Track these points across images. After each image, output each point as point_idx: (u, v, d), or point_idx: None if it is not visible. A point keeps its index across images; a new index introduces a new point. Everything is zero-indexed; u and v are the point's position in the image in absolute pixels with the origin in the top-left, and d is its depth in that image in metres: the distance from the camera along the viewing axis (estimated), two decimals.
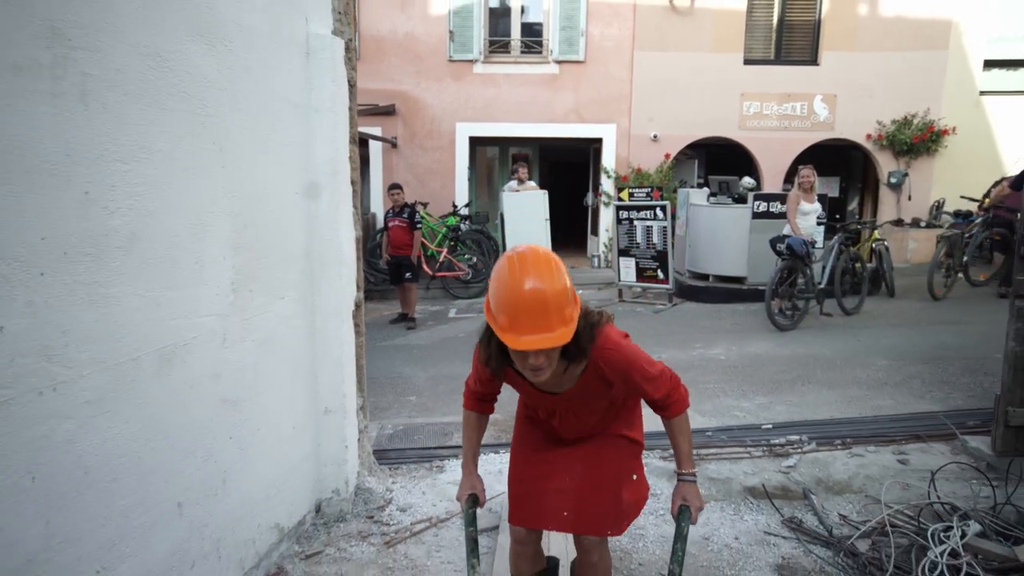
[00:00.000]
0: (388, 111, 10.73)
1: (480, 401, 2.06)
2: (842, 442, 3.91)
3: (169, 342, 2.07)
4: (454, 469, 3.65)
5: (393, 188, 7.83)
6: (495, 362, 1.78)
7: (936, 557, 2.67)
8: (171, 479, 2.11)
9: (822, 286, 7.42)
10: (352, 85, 3.02)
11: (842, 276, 7.66)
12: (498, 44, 11.24)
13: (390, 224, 7.69)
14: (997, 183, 8.95)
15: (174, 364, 2.09)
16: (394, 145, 11.05)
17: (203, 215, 2.18)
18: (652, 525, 3.16)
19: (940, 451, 3.71)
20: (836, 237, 7.71)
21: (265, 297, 2.54)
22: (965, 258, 8.07)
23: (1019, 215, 3.39)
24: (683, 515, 1.85)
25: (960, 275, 8.27)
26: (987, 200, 8.88)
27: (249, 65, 2.38)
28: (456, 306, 8.95)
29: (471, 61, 11.10)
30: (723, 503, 3.34)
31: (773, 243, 7.28)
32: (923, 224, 11.24)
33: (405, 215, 7.67)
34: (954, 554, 2.67)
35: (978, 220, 8.41)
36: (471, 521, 1.90)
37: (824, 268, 7.57)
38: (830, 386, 5.15)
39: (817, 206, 7.54)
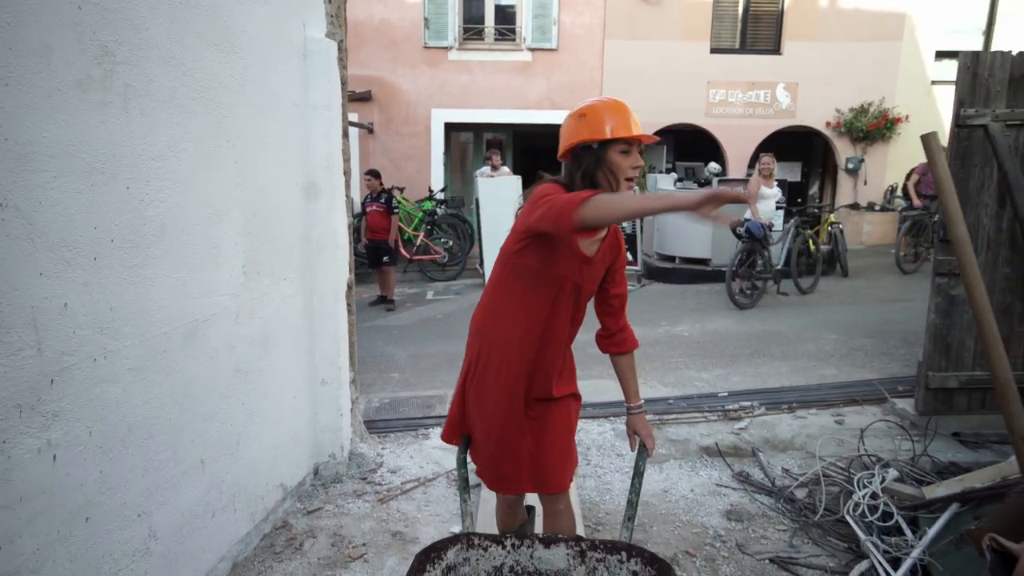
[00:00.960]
0: (364, 97, 10.89)
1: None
2: (788, 407, 4.34)
3: (193, 318, 2.35)
4: (438, 436, 3.98)
5: (369, 174, 8.06)
6: (587, 188, 1.85)
7: (859, 499, 3.09)
8: (196, 438, 2.41)
9: (779, 267, 7.89)
10: (344, 83, 3.29)
11: (798, 258, 8.14)
12: (472, 31, 11.44)
13: (368, 209, 7.93)
14: (909, 174, 9.64)
15: (197, 338, 2.38)
16: (370, 131, 11.24)
17: (219, 206, 2.46)
18: (618, 481, 3.54)
19: (872, 412, 4.15)
20: (792, 220, 8.19)
21: (271, 279, 2.83)
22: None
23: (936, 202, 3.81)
24: (640, 455, 2.19)
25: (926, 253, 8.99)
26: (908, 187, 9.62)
27: (255, 69, 2.65)
28: (433, 288, 9.24)
29: (446, 48, 11.30)
30: (681, 461, 3.73)
31: (733, 227, 7.70)
32: (877, 208, 11.82)
33: (382, 200, 7.92)
34: (874, 496, 3.09)
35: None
36: (463, 464, 2.22)
37: (781, 250, 8.04)
38: (783, 358, 5.59)
39: (777, 191, 7.99)
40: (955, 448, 3.69)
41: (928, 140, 1.49)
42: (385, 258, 7.84)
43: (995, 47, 10.70)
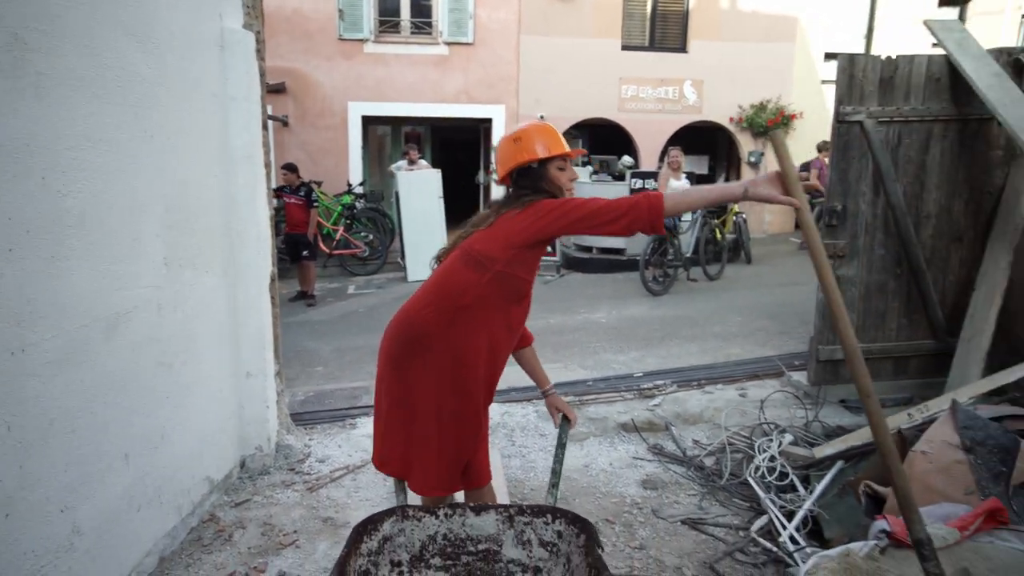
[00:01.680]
0: (278, 89, 10.62)
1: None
2: (697, 384, 4.65)
3: (114, 311, 2.33)
4: (366, 425, 4.03)
5: (286, 168, 7.91)
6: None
7: (759, 463, 3.39)
8: (119, 432, 2.39)
9: (688, 255, 8.35)
10: (262, 74, 3.29)
11: (705, 246, 8.63)
12: (388, 24, 11.36)
13: (286, 200, 7.79)
14: (807, 168, 10.48)
15: (118, 330, 2.36)
16: (285, 124, 10.97)
17: (139, 197, 2.44)
18: (541, 459, 3.71)
19: (771, 385, 4.52)
20: (699, 211, 8.66)
21: (193, 271, 2.82)
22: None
23: (823, 190, 4.19)
24: (563, 428, 2.35)
25: None
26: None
27: (173, 59, 2.63)
28: (355, 283, 9.17)
29: (361, 40, 11.17)
30: (600, 438, 3.95)
31: None
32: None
33: (301, 193, 7.80)
34: (772, 459, 3.40)
35: None
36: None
37: (690, 239, 8.50)
38: (692, 340, 5.95)
39: (685, 183, 8.43)
40: (842, 413, 4.08)
41: (775, 137, 1.71)
42: (304, 252, 7.73)
43: (875, 50, 11.65)
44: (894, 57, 3.89)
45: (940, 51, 3.88)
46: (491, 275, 1.96)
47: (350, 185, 10.60)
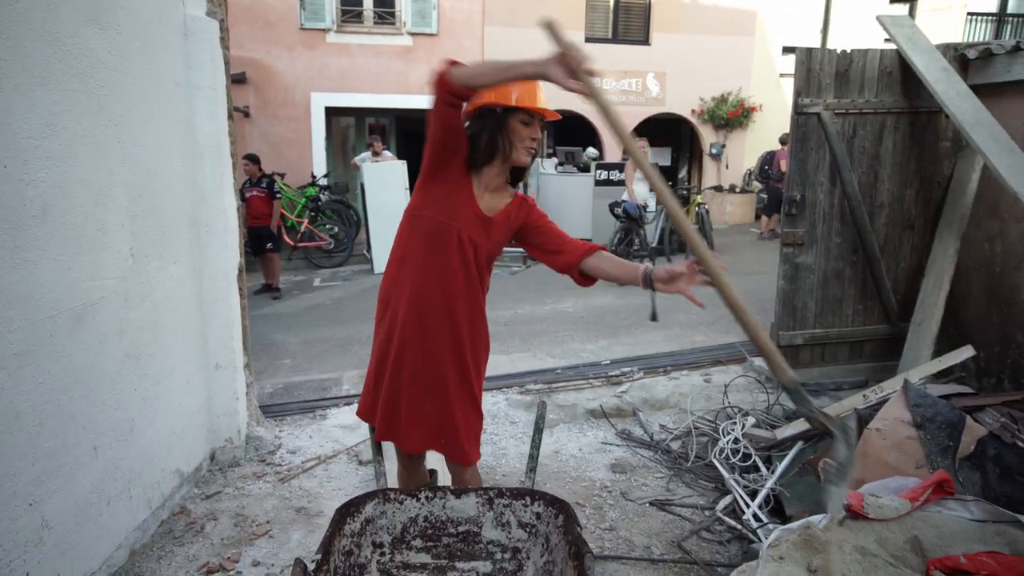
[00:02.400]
0: (238, 79, 10.40)
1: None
2: (663, 370, 4.76)
3: (80, 302, 2.29)
4: (336, 416, 4.03)
5: (248, 159, 7.77)
6: (485, 150, 1.94)
7: (723, 445, 3.50)
8: (87, 425, 2.36)
9: (654, 245, 8.49)
10: (227, 63, 3.24)
11: (670, 236, 8.78)
12: (351, 14, 11.22)
13: (248, 195, 7.67)
14: (771, 160, 10.79)
15: (85, 322, 2.32)
16: (247, 115, 10.77)
17: (103, 186, 2.40)
18: (512, 446, 3.76)
19: (735, 370, 4.64)
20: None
21: (160, 262, 2.78)
22: None
23: (784, 181, 4.32)
24: (539, 413, 2.37)
25: None
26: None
27: (136, 47, 2.58)
28: (320, 275, 9.08)
29: (324, 30, 11.01)
30: (570, 424, 4.02)
31: (611, 207, 8.21)
32: (738, 190, 12.87)
33: (263, 185, 7.69)
34: (736, 441, 3.52)
35: None
36: (374, 429, 2.33)
37: (655, 229, 8.64)
38: (658, 328, 6.06)
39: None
40: None
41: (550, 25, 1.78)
42: (268, 245, 7.63)
43: (831, 44, 11.95)
44: (849, 51, 4.03)
45: (892, 46, 4.03)
46: (409, 221, 2.02)
47: (314, 177, 10.47)
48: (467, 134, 1.97)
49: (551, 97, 1.99)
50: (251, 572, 2.58)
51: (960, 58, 3.96)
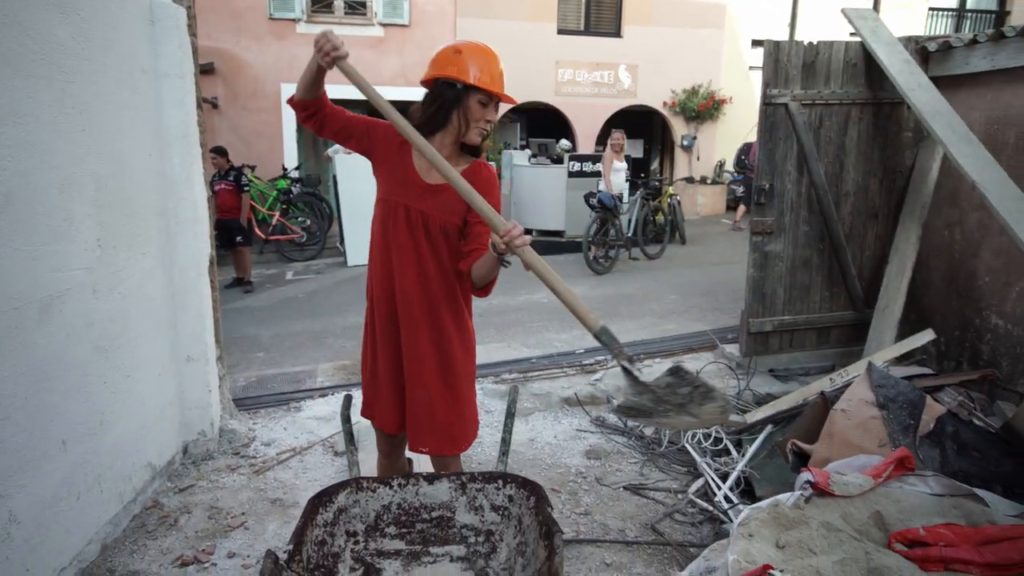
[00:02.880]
0: (206, 70, 10.21)
1: (328, 106, 2.13)
2: (637, 358, 4.82)
3: (46, 293, 2.25)
4: (311, 408, 4.01)
5: (215, 151, 7.64)
6: (432, 121, 1.96)
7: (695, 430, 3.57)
8: (56, 418, 2.32)
9: (629, 235, 8.60)
10: (195, 51, 3.20)
11: (644, 226, 8.90)
12: (321, 4, 11.07)
13: (216, 188, 7.54)
14: (747, 151, 10.98)
15: (52, 313, 2.28)
16: (215, 106, 10.58)
17: (69, 175, 2.35)
18: (487, 435, 3.79)
19: (706, 357, 4.72)
20: (638, 192, 8.93)
21: (128, 252, 2.74)
22: None
23: (753, 173, 4.41)
24: (511, 397, 2.40)
25: None
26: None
27: (100, 32, 2.53)
28: (293, 268, 8.99)
29: (293, 20, 10.86)
30: (545, 412, 4.06)
31: (587, 198, 8.29)
32: (709, 181, 13.02)
33: (231, 178, 7.58)
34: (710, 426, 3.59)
35: None
36: (347, 420, 2.33)
37: (630, 220, 8.74)
38: (631, 317, 6.14)
39: (625, 164, 8.68)
40: (771, 382, 4.32)
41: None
42: (238, 238, 7.52)
43: (799, 37, 12.12)
44: (815, 43, 4.11)
45: (857, 39, 4.12)
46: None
47: (285, 169, 10.34)
48: (421, 103, 2.03)
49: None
50: (226, 564, 2.57)
51: (921, 51, 4.06)
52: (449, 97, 1.94)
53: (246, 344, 5.58)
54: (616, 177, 8.48)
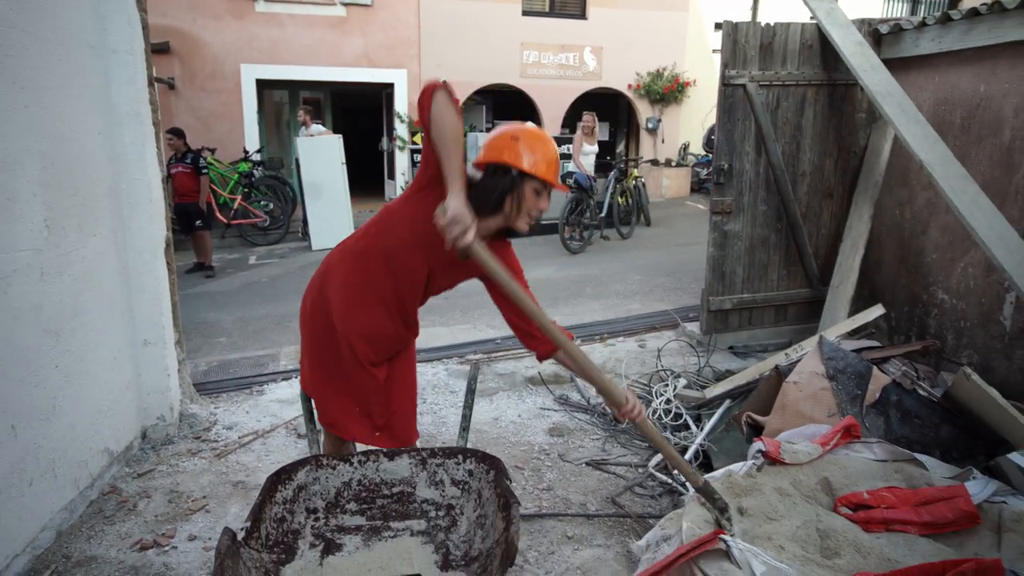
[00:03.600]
0: (161, 49, 9.92)
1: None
2: (600, 337, 4.88)
3: None
4: (274, 391, 3.98)
5: (171, 133, 7.45)
6: (490, 206, 1.91)
7: (656, 406, 3.64)
8: (4, 404, 2.27)
9: (602, 215, 8.74)
10: (145, 27, 3.11)
11: (619, 209, 9.19)
12: None
13: (173, 171, 7.36)
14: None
15: None
16: (172, 87, 10.30)
17: (12, 153, 2.28)
18: (452, 415, 3.81)
19: (668, 336, 4.81)
20: (612, 173, 9.06)
21: (79, 233, 2.67)
22: None
23: (713, 151, 4.46)
24: (472, 373, 2.42)
25: None
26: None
27: (43, 5, 2.45)
28: (256, 253, 8.85)
29: None
30: (509, 392, 4.09)
31: (563, 179, 8.39)
32: (674, 164, 13.14)
33: (189, 160, 7.41)
34: (668, 402, 3.66)
35: None
36: (307, 399, 2.33)
37: (603, 201, 8.89)
38: (596, 298, 6.20)
39: (596, 147, 8.79)
40: (730, 359, 4.42)
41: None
42: (198, 222, 7.37)
43: (761, 19, 12.26)
44: (772, 24, 4.16)
45: (814, 21, 4.18)
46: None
47: (247, 152, 10.13)
48: (476, 184, 1.92)
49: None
50: (188, 547, 2.56)
51: (874, 33, 4.15)
52: (505, 183, 1.90)
53: (207, 329, 5.50)
54: (585, 160, 8.59)
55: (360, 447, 2.47)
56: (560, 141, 9.89)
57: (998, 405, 2.43)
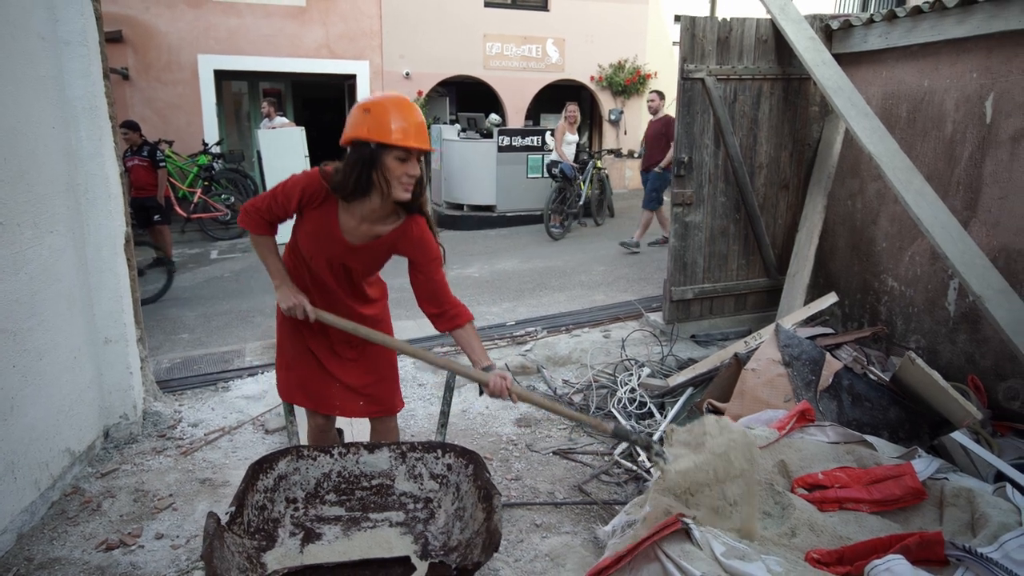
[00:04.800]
0: (113, 38, 9.62)
1: (271, 225, 2.18)
2: (566, 328, 4.95)
3: None
4: (240, 387, 3.95)
5: (126, 126, 7.25)
6: (356, 186, 1.94)
7: (621, 395, 3.73)
8: None
9: (581, 203, 9.08)
10: (99, 18, 3.04)
11: (599, 200, 9.57)
12: None
13: (128, 164, 7.17)
14: None
15: None
16: (125, 77, 10.00)
17: None
18: (420, 408, 3.84)
19: (632, 326, 4.90)
20: (590, 163, 9.23)
21: (34, 230, 2.61)
22: None
23: (672, 148, 4.55)
24: (450, 374, 2.43)
25: None
26: None
27: None
28: (217, 247, 8.70)
29: None
30: (476, 384, 4.12)
31: (550, 168, 8.96)
32: (636, 156, 13.28)
33: (145, 154, 7.22)
34: (633, 391, 3.75)
35: None
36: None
37: (583, 191, 9.15)
38: (560, 290, 6.27)
39: (577, 136, 9.17)
40: (693, 348, 4.53)
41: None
42: (156, 216, 7.20)
43: (719, 13, 12.45)
44: (728, 19, 4.26)
45: (768, 16, 4.29)
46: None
47: (206, 144, 9.92)
48: (341, 168, 1.98)
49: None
50: (155, 545, 2.54)
51: (825, 28, 4.27)
52: (364, 158, 1.91)
53: (169, 325, 5.41)
54: (567, 149, 8.98)
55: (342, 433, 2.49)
56: (525, 133, 9.93)
57: (941, 387, 2.56)
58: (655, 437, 3.25)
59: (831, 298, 3.76)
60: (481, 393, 2.12)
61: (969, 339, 3.48)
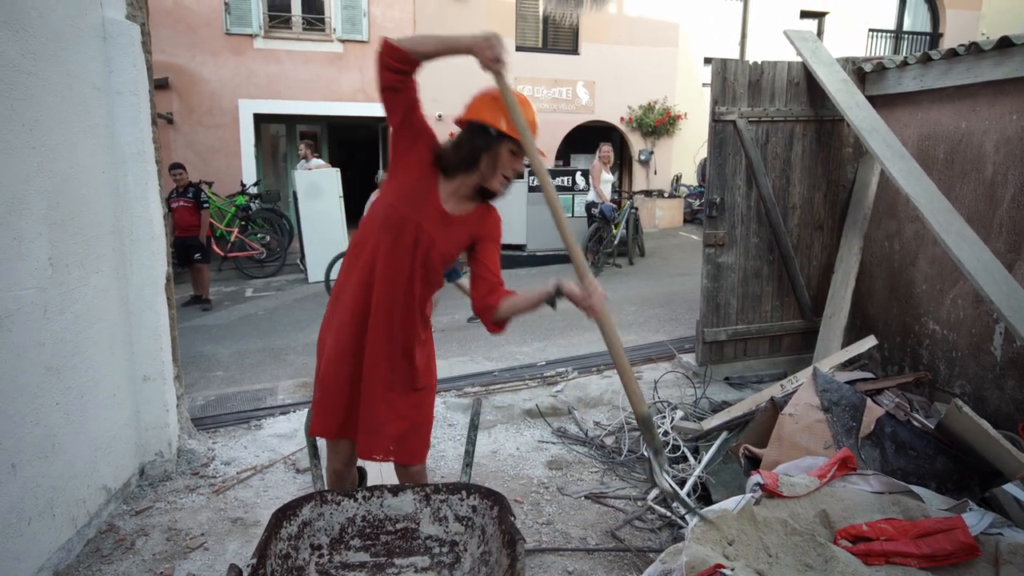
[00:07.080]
0: (160, 84, 10.06)
1: (405, 81, 2.05)
2: (597, 369, 4.90)
3: None
4: (272, 425, 3.98)
5: (174, 168, 7.55)
6: (461, 162, 1.94)
7: None
8: (5, 441, 2.27)
9: (616, 243, 9.28)
10: (149, 68, 3.18)
11: (634, 239, 9.75)
12: (278, 19, 11.03)
13: (173, 205, 7.44)
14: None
15: (1, 334, 2.24)
16: (170, 121, 10.42)
17: (18, 193, 2.32)
18: (451, 448, 3.81)
19: (664, 367, 4.83)
20: (628, 203, 9.40)
21: (81, 271, 2.70)
22: None
23: (706, 188, 4.55)
24: (474, 410, 2.43)
25: None
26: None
27: (50, 49, 2.52)
28: (252, 286, 8.88)
29: (251, 35, 10.79)
30: (507, 424, 4.10)
31: (588, 208, 9.19)
32: (667, 195, 13.31)
33: (190, 195, 7.48)
34: (665, 434, 3.68)
35: None
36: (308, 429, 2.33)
37: (620, 230, 9.38)
38: (591, 330, 6.20)
39: (612, 176, 9.38)
40: (726, 390, 4.44)
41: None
42: (197, 255, 7.41)
43: (748, 55, 12.54)
44: (760, 63, 4.28)
45: (800, 59, 4.31)
46: (368, 213, 2.12)
47: (244, 185, 10.23)
48: (453, 142, 2.00)
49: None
50: None
51: (858, 71, 4.27)
52: (480, 142, 1.94)
53: (205, 363, 5.50)
54: (604, 188, 9.14)
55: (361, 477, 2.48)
56: (556, 173, 10.05)
57: (990, 436, 2.46)
58: (689, 483, 3.17)
59: (870, 341, 3.67)
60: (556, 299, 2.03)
61: (1018, 385, 3.35)
